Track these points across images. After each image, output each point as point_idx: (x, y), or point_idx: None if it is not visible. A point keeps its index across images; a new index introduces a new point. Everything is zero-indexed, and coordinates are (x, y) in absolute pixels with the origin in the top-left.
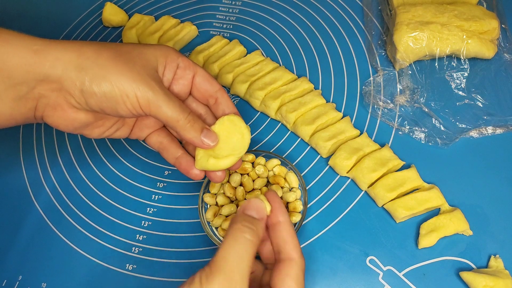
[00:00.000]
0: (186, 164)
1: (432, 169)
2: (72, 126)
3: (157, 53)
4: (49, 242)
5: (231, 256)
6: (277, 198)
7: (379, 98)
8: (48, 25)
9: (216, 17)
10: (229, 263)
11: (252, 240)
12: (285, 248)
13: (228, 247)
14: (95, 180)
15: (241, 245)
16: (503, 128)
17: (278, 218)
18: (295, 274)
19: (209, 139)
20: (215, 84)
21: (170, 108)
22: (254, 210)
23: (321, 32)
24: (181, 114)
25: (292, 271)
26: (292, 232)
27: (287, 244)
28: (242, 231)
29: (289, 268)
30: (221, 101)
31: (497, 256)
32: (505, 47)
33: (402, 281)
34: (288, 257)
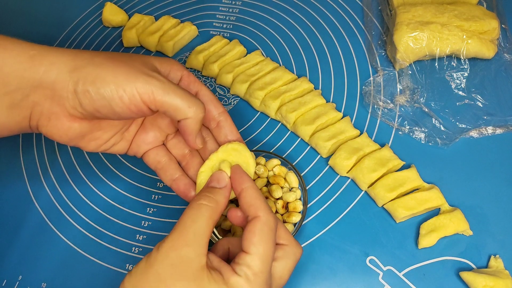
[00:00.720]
0: (184, 187)
1: (432, 169)
2: (67, 137)
3: (161, 60)
4: (49, 242)
5: (184, 219)
6: (239, 169)
7: (379, 98)
8: (48, 25)
9: (216, 17)
10: (182, 224)
11: (207, 205)
12: (250, 211)
13: (184, 214)
14: (95, 180)
15: (194, 209)
16: (503, 128)
17: (241, 186)
18: (258, 229)
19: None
20: (219, 106)
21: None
22: (215, 181)
23: (321, 32)
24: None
25: (255, 227)
26: (256, 195)
27: (251, 206)
28: (198, 199)
29: (252, 226)
30: (224, 125)
31: (497, 256)
32: (505, 47)
33: (402, 281)
34: (252, 217)
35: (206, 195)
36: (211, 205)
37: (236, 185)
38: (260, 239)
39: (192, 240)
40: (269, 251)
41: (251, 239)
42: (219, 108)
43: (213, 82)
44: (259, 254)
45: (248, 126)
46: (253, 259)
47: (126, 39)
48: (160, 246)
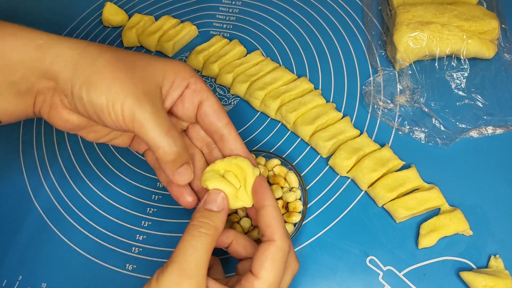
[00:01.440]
0: (177, 191)
1: (432, 169)
2: (66, 127)
3: (167, 67)
4: (49, 242)
5: (185, 248)
6: (264, 183)
7: (379, 98)
8: (48, 25)
9: (216, 17)
10: (182, 254)
11: (207, 233)
12: (267, 231)
13: (183, 241)
14: (95, 180)
15: (195, 238)
16: (503, 128)
17: (263, 203)
18: (273, 256)
19: (180, 177)
20: (223, 117)
21: (155, 130)
22: (212, 203)
23: (321, 32)
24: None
25: (269, 252)
26: (276, 215)
27: (269, 227)
28: (198, 227)
29: (267, 250)
30: (228, 138)
31: (497, 256)
32: (505, 47)
33: (402, 281)
34: (268, 239)
35: (205, 223)
36: (211, 233)
37: (258, 199)
38: (272, 265)
39: (193, 272)
40: (278, 278)
41: (262, 263)
42: (223, 119)
43: (213, 82)
44: (268, 281)
45: (248, 126)
46: (261, 284)
47: (126, 39)
48: (160, 278)
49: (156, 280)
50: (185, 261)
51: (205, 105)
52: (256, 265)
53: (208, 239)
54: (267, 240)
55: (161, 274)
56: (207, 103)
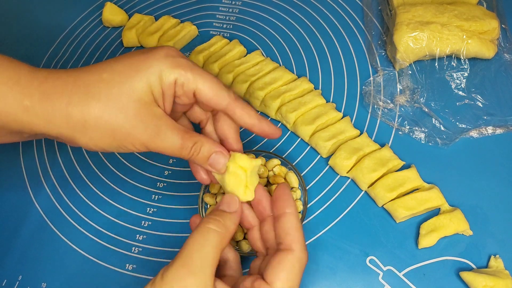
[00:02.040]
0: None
1: (432, 169)
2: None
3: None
4: (49, 242)
5: (191, 245)
6: (287, 190)
7: (379, 98)
8: (48, 25)
9: (216, 17)
10: (188, 251)
11: (215, 230)
12: (285, 239)
13: (191, 238)
14: (95, 180)
15: (203, 235)
16: (503, 128)
17: (284, 210)
18: (290, 266)
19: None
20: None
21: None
22: (225, 204)
23: (321, 32)
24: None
25: (287, 262)
26: (296, 225)
27: (288, 235)
28: (206, 222)
29: (284, 259)
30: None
31: (497, 256)
32: (505, 47)
33: (402, 281)
34: (287, 248)
35: (215, 219)
36: (220, 230)
37: (278, 205)
38: (288, 277)
39: (198, 269)
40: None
41: (278, 272)
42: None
43: None
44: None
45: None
46: None
47: (126, 39)
48: (164, 274)
49: (161, 276)
50: (190, 258)
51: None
52: (271, 273)
53: (217, 236)
54: (285, 248)
55: (166, 270)
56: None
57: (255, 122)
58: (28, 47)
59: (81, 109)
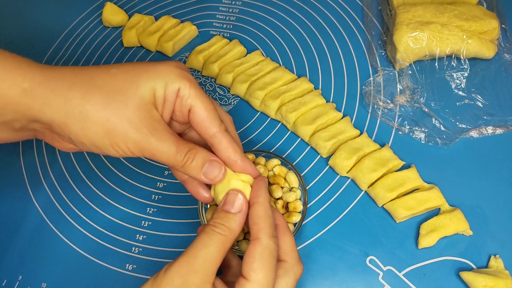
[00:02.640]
0: (192, 187)
1: (432, 169)
2: (72, 151)
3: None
4: (49, 242)
5: (196, 244)
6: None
7: (379, 98)
8: (48, 25)
9: (216, 17)
10: (193, 250)
11: (220, 233)
12: (252, 229)
13: (197, 238)
14: (95, 180)
15: (208, 236)
16: (503, 128)
17: (254, 200)
18: (258, 254)
19: (212, 172)
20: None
21: (164, 154)
22: (230, 204)
23: (321, 32)
24: (177, 156)
25: (256, 252)
26: (263, 214)
27: (255, 225)
28: (212, 227)
29: (253, 250)
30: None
31: (497, 256)
32: (505, 47)
33: (402, 281)
34: (254, 238)
35: (220, 224)
36: (225, 233)
37: (252, 196)
38: (260, 265)
39: (200, 266)
40: (270, 277)
41: (251, 264)
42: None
43: (213, 82)
44: (259, 282)
45: (248, 126)
46: (252, 286)
47: (126, 39)
48: (168, 269)
49: (164, 271)
50: (193, 256)
51: (193, 113)
52: (245, 267)
53: (222, 238)
54: (253, 239)
55: (170, 266)
56: (194, 112)
57: (238, 159)
58: (28, 47)
59: (82, 95)
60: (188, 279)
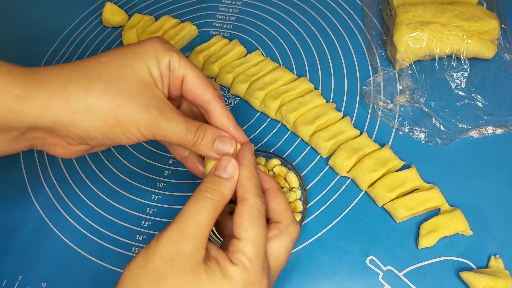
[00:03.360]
0: (193, 165)
1: (432, 169)
2: (76, 155)
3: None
4: (49, 242)
5: (187, 211)
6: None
7: (379, 98)
8: (48, 25)
9: (216, 17)
10: (184, 217)
11: (212, 198)
12: (239, 191)
13: (187, 204)
14: (95, 180)
15: (199, 202)
16: (503, 128)
17: (240, 162)
18: (246, 213)
19: (224, 147)
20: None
21: (174, 133)
22: (222, 169)
23: (321, 32)
24: (188, 134)
25: (243, 211)
26: (248, 175)
27: (241, 186)
28: (203, 191)
29: (240, 209)
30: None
31: (497, 256)
32: (505, 47)
33: (402, 281)
34: (240, 199)
35: (211, 188)
36: (216, 198)
37: (238, 158)
38: (250, 223)
39: (192, 233)
40: (260, 234)
41: (240, 223)
42: (206, 94)
43: None
44: (250, 239)
45: (248, 126)
46: (245, 244)
47: (126, 39)
48: (159, 238)
49: (156, 240)
50: (185, 223)
51: (186, 82)
52: (236, 228)
53: (213, 204)
54: (240, 200)
55: (161, 235)
56: (187, 80)
57: (231, 126)
58: (28, 47)
59: (82, 89)
60: (181, 247)
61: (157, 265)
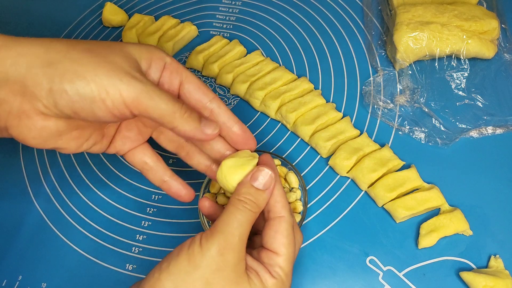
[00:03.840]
0: (177, 188)
1: (432, 169)
2: (41, 138)
3: (141, 49)
4: (49, 242)
5: (231, 221)
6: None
7: (379, 98)
8: (48, 25)
9: (216, 17)
10: (229, 227)
11: (252, 210)
12: (275, 207)
13: (230, 213)
14: (95, 180)
15: (241, 213)
16: (503, 128)
17: None
18: (285, 230)
19: (209, 128)
20: (208, 92)
21: (163, 100)
22: (260, 180)
23: (321, 32)
24: (176, 105)
25: (282, 228)
26: (282, 192)
27: (277, 203)
28: (244, 203)
29: (278, 225)
30: (219, 112)
31: (497, 256)
32: (505, 47)
33: (402, 281)
34: (278, 215)
35: (251, 201)
36: (254, 210)
37: None
38: (288, 241)
39: (237, 245)
40: (295, 252)
41: (280, 240)
42: (209, 95)
43: (213, 82)
44: (289, 256)
45: (248, 126)
46: (284, 260)
47: (126, 39)
48: (204, 245)
49: (199, 244)
50: (230, 234)
51: (186, 84)
52: (274, 243)
53: (252, 216)
54: (276, 216)
55: (205, 240)
56: (189, 81)
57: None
58: None
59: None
60: (228, 258)
61: (205, 275)
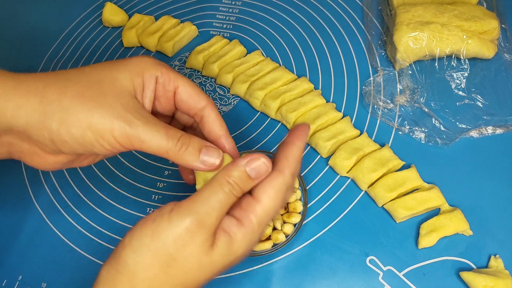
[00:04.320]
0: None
1: (432, 169)
2: (56, 167)
3: (131, 74)
4: (49, 242)
5: (212, 200)
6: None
7: (379, 98)
8: (48, 25)
9: (216, 17)
10: (207, 206)
11: (236, 195)
12: (281, 161)
13: (213, 191)
14: (95, 180)
15: (225, 195)
16: (503, 128)
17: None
18: (278, 185)
19: (211, 157)
20: (201, 100)
21: (154, 139)
22: (255, 171)
23: (321, 32)
24: (169, 142)
25: (277, 182)
26: (296, 156)
27: (285, 160)
28: (231, 186)
29: (275, 179)
30: (207, 120)
31: (497, 256)
32: (505, 47)
33: (402, 281)
34: (278, 169)
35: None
36: (238, 196)
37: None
38: (276, 195)
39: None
40: (276, 208)
41: (268, 191)
42: (201, 102)
43: (213, 82)
44: (268, 207)
45: (248, 126)
46: (262, 209)
47: (126, 39)
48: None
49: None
50: (207, 214)
51: (179, 93)
52: (259, 190)
53: (233, 200)
54: (277, 169)
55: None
56: (180, 91)
57: (223, 134)
58: (28, 47)
59: (58, 91)
60: (196, 234)
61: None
